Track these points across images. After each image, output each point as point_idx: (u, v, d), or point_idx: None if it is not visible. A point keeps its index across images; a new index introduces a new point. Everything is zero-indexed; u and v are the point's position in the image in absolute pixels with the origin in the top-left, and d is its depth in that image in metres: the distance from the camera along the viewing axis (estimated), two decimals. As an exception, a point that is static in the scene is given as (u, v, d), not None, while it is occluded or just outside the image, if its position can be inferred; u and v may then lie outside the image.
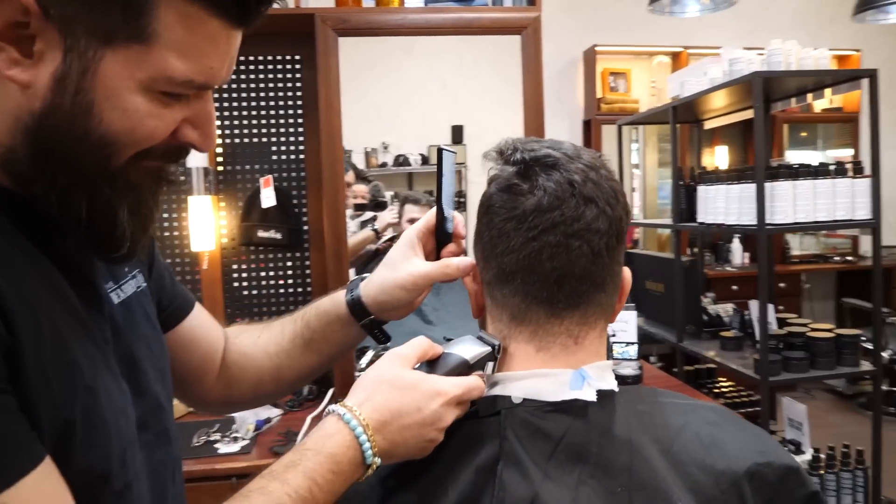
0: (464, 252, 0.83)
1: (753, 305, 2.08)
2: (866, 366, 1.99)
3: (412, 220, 3.27)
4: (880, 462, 2.11)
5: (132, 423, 0.60)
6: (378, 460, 0.62)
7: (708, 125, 3.13)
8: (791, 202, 1.92)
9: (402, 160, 5.66)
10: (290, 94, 2.24)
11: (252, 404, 0.94)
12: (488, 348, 0.70)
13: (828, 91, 2.19)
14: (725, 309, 2.63)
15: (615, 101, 4.67)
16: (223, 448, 1.75)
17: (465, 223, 0.84)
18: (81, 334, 0.55)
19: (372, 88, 5.47)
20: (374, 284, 0.83)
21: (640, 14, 4.63)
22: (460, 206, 6.14)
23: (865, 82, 1.99)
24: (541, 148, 0.70)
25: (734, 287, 4.46)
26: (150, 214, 0.59)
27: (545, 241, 0.66)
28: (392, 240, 3.06)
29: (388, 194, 5.24)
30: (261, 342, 0.89)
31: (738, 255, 4.85)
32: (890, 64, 4.68)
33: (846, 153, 5.32)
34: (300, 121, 2.25)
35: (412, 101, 5.62)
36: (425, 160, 5.54)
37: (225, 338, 0.89)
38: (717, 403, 0.76)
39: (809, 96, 2.31)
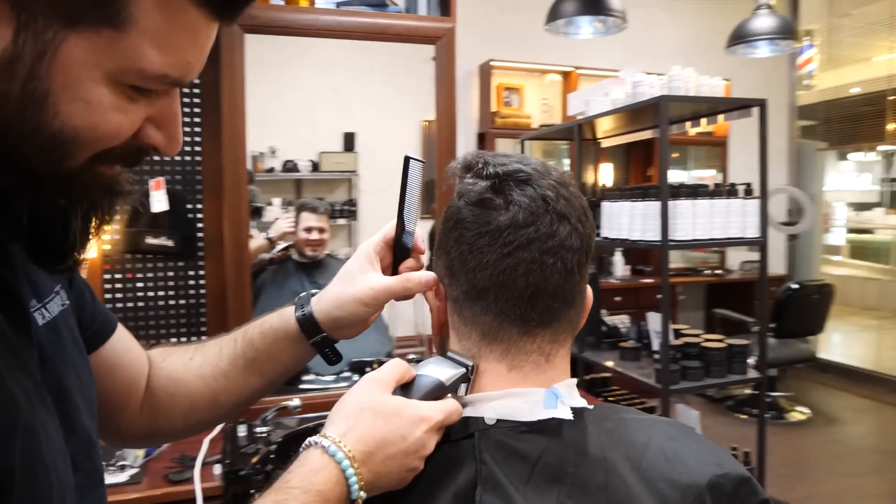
0: (422, 268, 0.79)
1: (652, 317, 2.17)
2: (752, 374, 2.13)
3: (308, 229, 3.15)
4: (764, 463, 2.26)
5: (69, 465, 0.52)
6: (363, 494, 0.58)
7: (604, 143, 3.25)
8: (691, 220, 2.02)
9: (290, 166, 5.49)
10: (186, 90, 2.08)
11: (181, 434, 0.84)
12: (462, 369, 0.68)
13: (720, 116, 2.33)
14: (622, 320, 2.74)
15: (509, 115, 4.76)
16: (109, 478, 1.57)
17: (424, 238, 0.79)
18: (13, 363, 0.46)
19: (260, 91, 5.25)
20: (328, 300, 0.77)
21: (534, 32, 4.77)
22: (350, 215, 6.07)
23: (756, 110, 2.14)
24: (510, 162, 0.69)
25: (617, 298, 4.66)
26: (102, 224, 0.50)
27: (520, 257, 0.65)
28: (286, 249, 2.93)
29: (275, 201, 5.05)
30: (194, 365, 0.81)
31: (619, 267, 5.08)
32: (755, 93, 5.08)
33: (708, 174, 5.76)
34: (197, 120, 2.10)
35: (303, 107, 5.47)
36: (315, 166, 5.41)
37: (149, 362, 0.80)
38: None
39: (703, 121, 2.45)
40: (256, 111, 5.26)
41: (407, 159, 0.75)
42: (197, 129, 2.11)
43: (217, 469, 1.65)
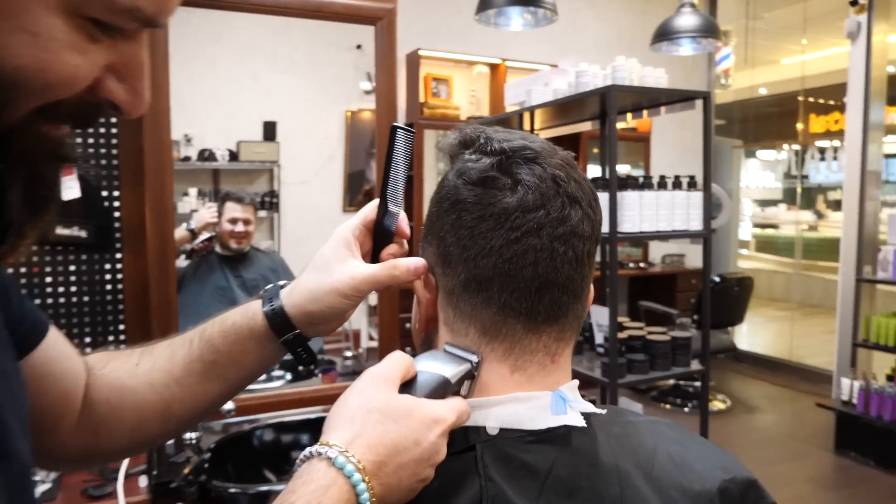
0: (407, 254, 0.70)
1: (597, 311, 2.14)
2: (695, 365, 2.15)
3: (233, 220, 2.97)
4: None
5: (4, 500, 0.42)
6: None
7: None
8: (638, 212, 2.00)
9: (207, 155, 5.24)
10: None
11: (126, 453, 0.72)
12: (466, 364, 0.60)
13: (662, 109, 2.33)
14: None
15: (438, 106, 4.69)
16: (16, 497, 1.40)
17: (408, 222, 0.70)
18: None
19: (173, 75, 4.98)
20: (302, 292, 0.67)
21: (463, 22, 4.73)
22: (272, 207, 5.86)
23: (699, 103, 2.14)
24: (515, 139, 0.63)
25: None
26: (49, 198, 0.39)
27: (529, 243, 0.59)
28: (210, 240, 2.75)
29: (191, 191, 4.78)
30: (141, 371, 0.69)
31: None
32: (676, 91, 5.23)
33: (626, 168, 5.89)
34: (113, 100, 1.91)
35: (220, 93, 5.22)
36: (234, 156, 5.18)
37: (87, 369, 0.67)
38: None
39: (645, 112, 2.45)
40: (170, 97, 4.96)
41: (394, 129, 0.65)
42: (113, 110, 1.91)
43: (143, 481, 1.50)
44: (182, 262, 2.67)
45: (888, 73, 4.11)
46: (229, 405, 1.61)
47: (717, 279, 4.40)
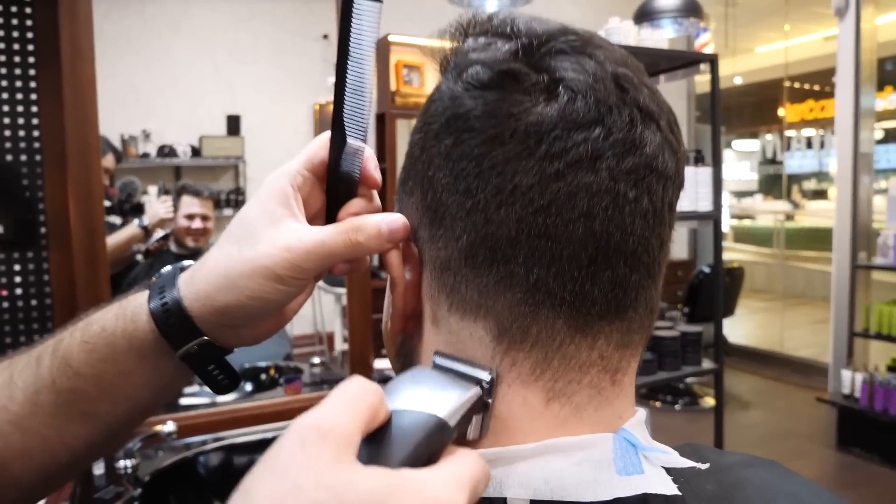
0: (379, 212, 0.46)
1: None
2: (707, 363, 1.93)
3: (190, 216, 2.68)
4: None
5: None
6: None
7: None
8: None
9: (167, 151, 4.94)
10: (14, 36, 1.62)
11: None
12: (473, 389, 0.36)
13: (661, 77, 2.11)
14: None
15: (410, 94, 4.46)
16: None
17: (377, 164, 0.45)
18: None
19: (127, 66, 4.68)
20: (209, 276, 0.43)
21: (434, 6, 4.47)
22: (238, 204, 5.61)
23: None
24: (549, 21, 0.40)
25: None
26: None
27: (578, 182, 0.36)
28: (165, 239, 2.48)
29: (151, 190, 4.48)
30: None
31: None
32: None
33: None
34: (31, 73, 1.64)
35: (179, 86, 4.93)
36: (196, 152, 4.88)
37: None
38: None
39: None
40: (123, 89, 4.67)
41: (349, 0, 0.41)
42: (31, 86, 1.64)
43: (62, 523, 1.23)
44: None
45: (878, 57, 3.97)
46: (170, 426, 1.35)
47: (706, 270, 4.22)
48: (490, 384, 0.36)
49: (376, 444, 0.31)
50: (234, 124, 5.05)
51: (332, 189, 0.44)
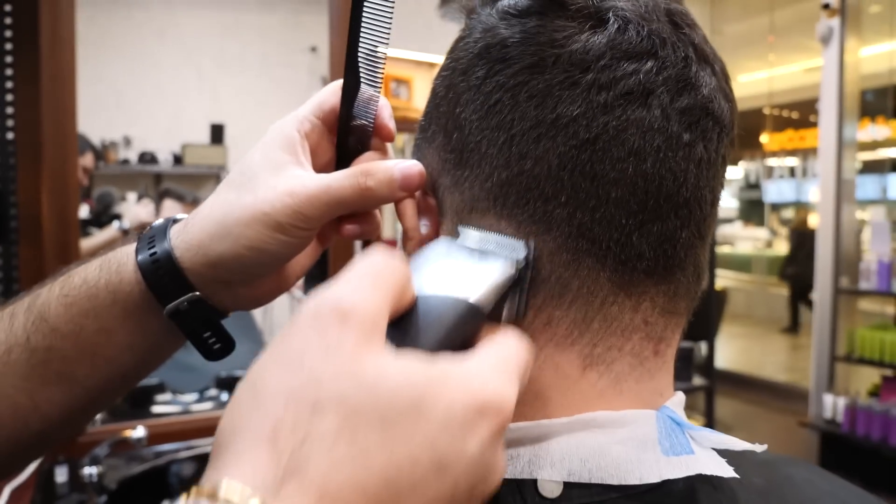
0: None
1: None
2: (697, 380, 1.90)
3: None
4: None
5: None
6: None
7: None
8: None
9: (148, 158, 4.86)
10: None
11: None
12: (508, 268, 0.32)
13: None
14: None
15: (398, 108, 4.43)
16: None
17: (391, 113, 0.42)
18: None
19: (110, 71, 4.62)
20: (204, 222, 0.39)
21: (423, 21, 4.47)
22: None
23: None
24: None
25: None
26: None
27: (629, 116, 0.32)
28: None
29: (130, 197, 4.40)
30: None
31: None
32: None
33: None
34: (8, 60, 1.58)
35: (163, 92, 4.88)
36: (178, 160, 4.82)
37: None
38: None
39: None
40: (105, 93, 4.60)
41: None
42: (8, 73, 1.58)
43: (20, 532, 1.16)
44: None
45: (860, 89, 4.03)
46: (140, 431, 1.28)
47: (690, 292, 4.22)
48: (526, 260, 0.32)
49: (403, 330, 0.27)
50: (217, 133, 5.01)
51: (343, 139, 0.40)
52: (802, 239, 6.22)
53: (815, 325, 3.85)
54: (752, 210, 9.11)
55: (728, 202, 8.92)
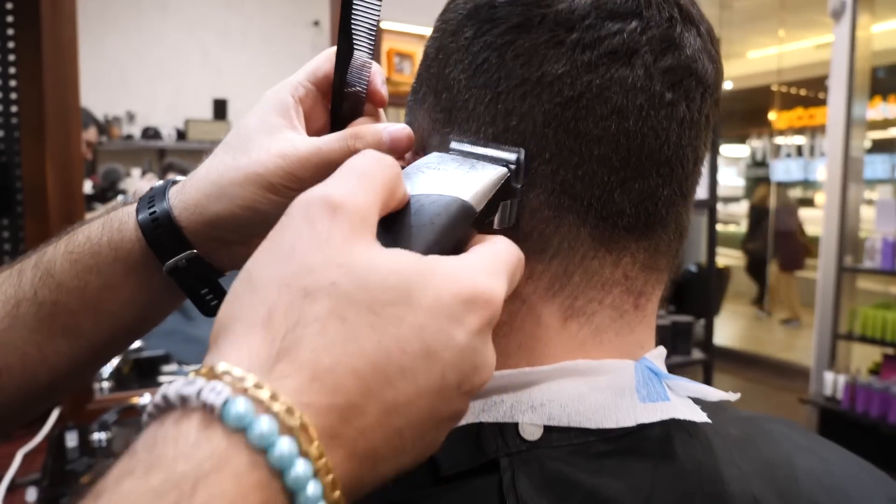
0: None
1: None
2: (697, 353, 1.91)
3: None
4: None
5: None
6: None
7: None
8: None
9: (151, 133, 4.86)
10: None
11: None
12: (500, 170, 0.33)
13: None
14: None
15: (402, 83, 4.41)
16: None
17: (384, 79, 0.43)
18: None
19: (112, 46, 4.60)
20: (201, 183, 0.41)
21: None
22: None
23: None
24: None
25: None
26: None
27: (613, 75, 0.33)
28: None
29: (134, 172, 4.40)
30: None
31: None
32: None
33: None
34: (10, 32, 1.59)
35: (166, 68, 4.85)
36: (181, 135, 4.81)
37: None
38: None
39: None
40: (108, 69, 4.58)
41: None
42: (10, 45, 1.59)
43: (31, 494, 1.19)
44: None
45: (871, 66, 3.98)
46: (147, 398, 1.31)
47: (693, 269, 4.21)
48: (517, 164, 0.33)
49: (395, 231, 0.28)
50: (220, 108, 4.99)
51: (337, 105, 0.41)
52: (760, 216, 6.62)
53: (817, 303, 3.85)
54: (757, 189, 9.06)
55: (734, 181, 8.86)
